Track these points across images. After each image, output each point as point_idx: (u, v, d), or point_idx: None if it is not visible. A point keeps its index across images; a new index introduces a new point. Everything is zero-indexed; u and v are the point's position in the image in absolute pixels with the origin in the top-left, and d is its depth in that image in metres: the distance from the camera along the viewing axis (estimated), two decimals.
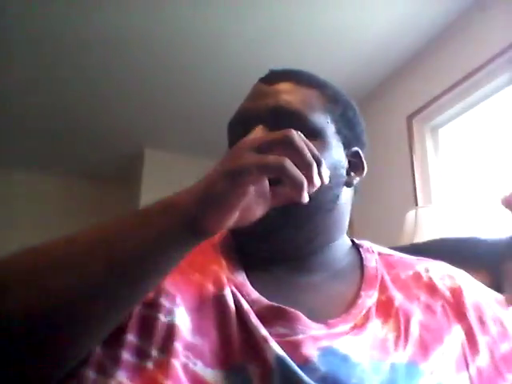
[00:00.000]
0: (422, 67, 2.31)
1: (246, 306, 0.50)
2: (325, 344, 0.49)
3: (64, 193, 3.57)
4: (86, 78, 2.54)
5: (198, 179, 0.46)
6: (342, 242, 0.62)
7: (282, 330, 0.49)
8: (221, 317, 0.50)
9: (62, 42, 2.26)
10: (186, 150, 3.28)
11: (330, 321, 0.52)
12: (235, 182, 0.41)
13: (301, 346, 0.48)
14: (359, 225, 1.88)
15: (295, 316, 0.50)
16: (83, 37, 2.23)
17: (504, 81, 1.93)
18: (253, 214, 0.46)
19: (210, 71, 2.51)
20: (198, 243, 0.45)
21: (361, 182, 0.64)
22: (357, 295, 0.56)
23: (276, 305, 0.51)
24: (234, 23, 2.17)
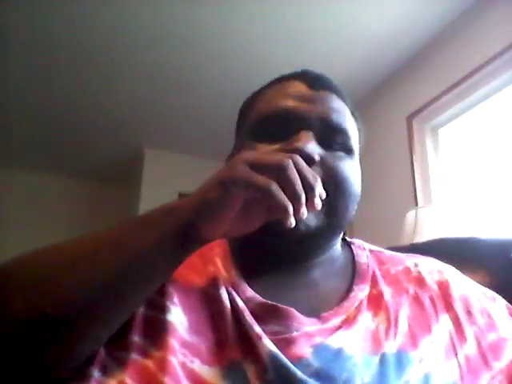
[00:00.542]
0: (421, 67, 2.31)
1: (240, 304, 0.52)
2: (318, 341, 0.50)
3: (64, 193, 3.57)
4: (86, 78, 2.55)
5: (200, 182, 0.47)
6: (338, 242, 0.64)
7: (277, 328, 0.50)
8: (216, 316, 0.51)
9: (60, 42, 2.27)
10: (186, 150, 3.28)
11: (323, 314, 0.53)
12: (226, 191, 0.43)
13: (295, 344, 0.49)
14: (359, 225, 1.88)
15: (289, 313, 0.51)
16: (83, 38, 2.24)
17: (504, 81, 1.93)
18: (251, 224, 0.47)
19: (211, 71, 2.51)
20: (195, 248, 0.47)
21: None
22: (349, 289, 0.57)
23: (270, 302, 0.52)
24: (235, 24, 2.18)
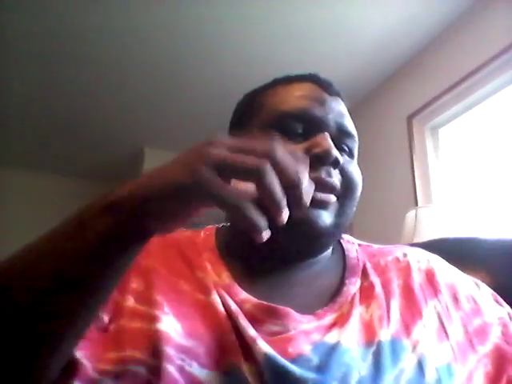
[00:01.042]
0: (421, 67, 2.31)
1: (233, 307, 0.51)
2: (316, 337, 0.50)
3: (64, 193, 3.57)
4: (86, 77, 2.55)
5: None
6: None
7: (274, 328, 0.50)
8: (211, 321, 0.50)
9: (61, 42, 2.27)
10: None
11: (318, 311, 0.53)
12: (179, 196, 0.37)
13: (293, 342, 0.49)
14: (359, 225, 1.88)
15: (285, 313, 0.51)
16: (83, 37, 2.24)
17: (504, 81, 1.93)
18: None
19: (212, 71, 2.51)
20: (141, 245, 0.42)
21: None
22: (341, 284, 0.58)
23: (265, 303, 0.52)
24: (234, 25, 2.18)
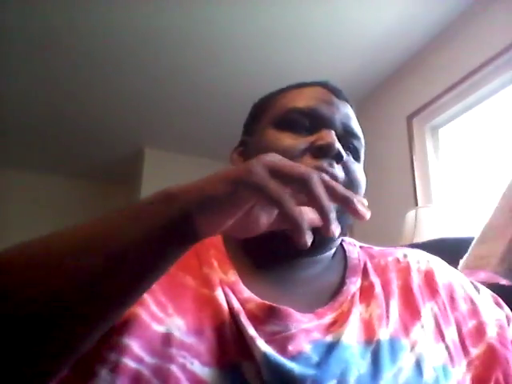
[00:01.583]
0: (421, 67, 2.31)
1: (236, 305, 0.52)
2: (316, 336, 0.51)
3: (64, 193, 3.57)
4: (86, 77, 2.55)
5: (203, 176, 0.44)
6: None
7: (276, 328, 0.51)
8: (214, 317, 0.51)
9: (61, 42, 2.27)
10: (186, 150, 3.28)
11: (318, 310, 0.54)
12: (236, 191, 0.40)
13: (293, 340, 0.50)
14: (359, 225, 1.88)
15: (287, 313, 0.52)
16: (83, 37, 2.24)
17: (504, 81, 1.93)
18: (257, 228, 0.45)
19: (211, 72, 2.51)
20: (189, 245, 0.43)
21: None
22: (342, 283, 0.59)
23: (268, 303, 0.53)
24: (235, 25, 2.18)
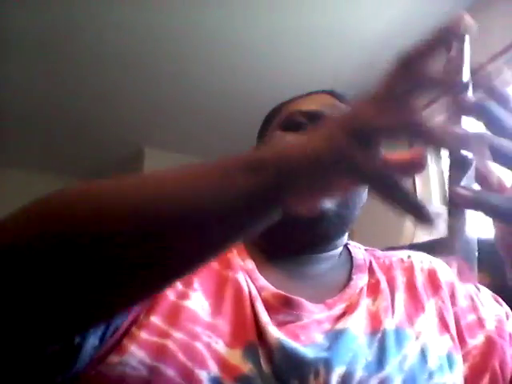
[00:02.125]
0: None
1: (254, 291, 0.55)
2: (327, 327, 0.54)
3: None
4: (86, 77, 2.54)
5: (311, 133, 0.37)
6: (343, 242, 0.70)
7: (288, 318, 0.54)
8: (237, 298, 0.54)
9: (61, 43, 2.27)
10: (186, 150, 3.28)
11: (328, 301, 0.57)
12: (323, 173, 0.34)
13: (306, 330, 0.53)
14: (359, 225, 1.87)
15: (299, 303, 0.55)
16: (83, 37, 2.24)
17: (504, 81, 1.92)
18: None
19: (211, 72, 2.51)
20: (275, 217, 0.38)
21: None
22: (349, 279, 0.63)
23: (282, 293, 0.55)
24: (235, 26, 2.17)
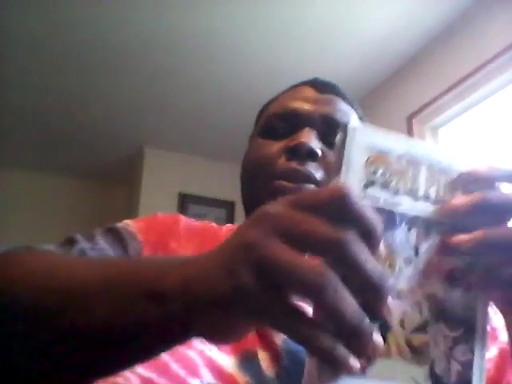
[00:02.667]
0: (421, 67, 2.31)
1: None
2: None
3: (64, 193, 3.57)
4: (86, 77, 2.54)
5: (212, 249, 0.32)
6: None
7: None
8: None
9: (62, 43, 2.27)
10: (186, 150, 3.28)
11: None
12: (226, 310, 0.29)
13: None
14: None
15: (301, 304, 0.54)
16: (84, 38, 2.24)
17: (504, 81, 1.92)
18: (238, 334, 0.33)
19: (212, 72, 2.51)
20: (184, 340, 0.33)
21: None
22: None
23: None
24: (234, 26, 2.17)
